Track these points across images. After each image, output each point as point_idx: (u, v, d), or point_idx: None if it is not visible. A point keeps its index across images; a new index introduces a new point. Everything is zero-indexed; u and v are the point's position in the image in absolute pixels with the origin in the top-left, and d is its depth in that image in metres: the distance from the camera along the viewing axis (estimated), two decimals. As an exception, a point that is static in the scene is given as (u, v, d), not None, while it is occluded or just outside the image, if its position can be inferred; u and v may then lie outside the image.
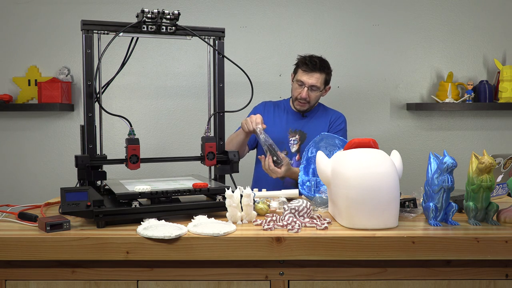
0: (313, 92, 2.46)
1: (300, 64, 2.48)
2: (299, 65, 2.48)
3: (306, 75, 2.44)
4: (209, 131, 1.93)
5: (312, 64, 2.43)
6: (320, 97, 2.53)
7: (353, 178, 1.50)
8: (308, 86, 2.43)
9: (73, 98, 3.13)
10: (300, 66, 2.47)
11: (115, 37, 1.75)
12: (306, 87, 2.43)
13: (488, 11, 3.14)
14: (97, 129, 1.80)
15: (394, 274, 1.49)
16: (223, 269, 1.49)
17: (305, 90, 2.43)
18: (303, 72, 2.44)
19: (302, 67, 2.45)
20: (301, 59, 2.49)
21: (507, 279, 1.49)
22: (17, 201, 2.13)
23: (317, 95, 2.49)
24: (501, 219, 1.59)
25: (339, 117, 2.57)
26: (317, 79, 2.43)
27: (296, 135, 2.52)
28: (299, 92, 2.46)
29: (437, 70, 3.17)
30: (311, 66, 2.43)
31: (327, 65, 2.48)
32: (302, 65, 2.45)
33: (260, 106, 2.65)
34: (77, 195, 1.52)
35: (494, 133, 3.18)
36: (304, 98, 2.45)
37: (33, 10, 3.10)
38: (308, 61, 2.44)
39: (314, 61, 2.44)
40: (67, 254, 1.43)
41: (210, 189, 1.70)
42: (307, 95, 2.44)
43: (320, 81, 2.44)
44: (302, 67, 2.45)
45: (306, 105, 2.49)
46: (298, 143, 2.50)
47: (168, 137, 3.18)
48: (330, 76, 2.51)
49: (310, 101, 2.48)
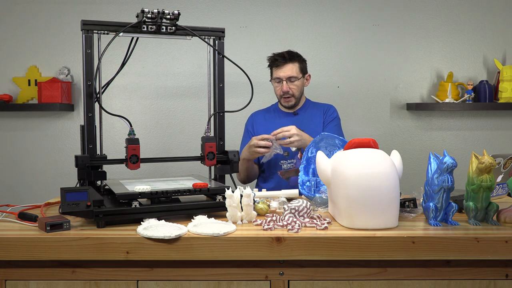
0: (292, 83, 2.50)
1: (271, 63, 2.55)
2: (271, 65, 2.55)
3: (279, 70, 2.50)
4: (209, 131, 1.93)
5: (281, 58, 2.50)
6: (303, 88, 2.57)
7: (353, 178, 1.50)
8: (285, 79, 2.48)
9: (73, 98, 3.13)
10: (272, 65, 2.55)
11: (115, 37, 1.75)
12: (284, 81, 2.48)
13: (488, 11, 3.14)
14: (97, 129, 1.81)
15: (394, 274, 1.49)
16: (223, 269, 1.49)
17: (284, 83, 2.48)
18: (276, 68, 2.51)
19: (273, 65, 2.53)
20: (270, 58, 2.56)
21: (507, 279, 1.49)
22: (17, 201, 2.13)
23: (298, 86, 2.51)
24: (501, 219, 1.59)
25: (329, 108, 2.61)
26: (291, 69, 2.48)
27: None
28: (280, 88, 2.51)
29: (437, 70, 3.17)
30: (280, 60, 2.49)
31: (296, 54, 2.53)
32: (273, 63, 2.53)
33: (249, 120, 2.67)
34: (77, 195, 1.52)
35: (494, 133, 3.18)
36: (286, 92, 2.49)
37: (33, 10, 3.10)
38: (277, 56, 2.51)
39: (281, 55, 2.51)
40: (67, 254, 1.43)
41: (210, 189, 1.70)
42: (287, 88, 2.48)
43: (294, 70, 2.49)
44: (273, 65, 2.53)
45: (291, 99, 2.52)
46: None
47: (168, 137, 3.18)
48: (304, 64, 2.56)
49: (294, 93, 2.51)
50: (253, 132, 2.61)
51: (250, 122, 2.65)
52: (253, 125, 2.62)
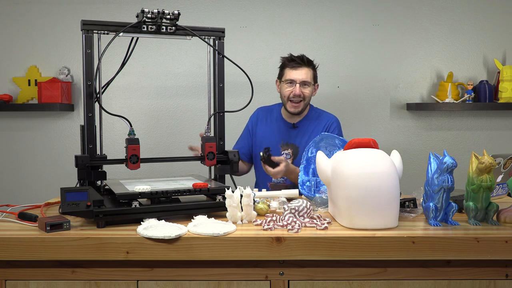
0: (306, 88, 2.41)
1: (286, 63, 2.45)
2: (286, 64, 2.45)
3: (294, 71, 2.41)
4: (209, 131, 1.93)
5: (299, 59, 2.41)
6: (311, 97, 2.48)
7: (353, 178, 1.50)
8: (299, 82, 2.39)
9: (73, 98, 3.13)
10: (286, 65, 2.45)
11: (115, 37, 1.75)
12: (298, 83, 2.39)
13: (488, 11, 3.14)
14: (97, 129, 1.81)
15: (394, 274, 1.49)
16: (223, 269, 1.49)
17: (297, 86, 2.39)
18: (291, 69, 2.41)
19: (289, 65, 2.43)
20: (286, 58, 2.47)
21: (507, 279, 1.49)
22: (17, 201, 2.13)
23: (310, 92, 2.44)
24: (501, 219, 1.59)
25: (332, 123, 2.50)
26: (306, 73, 2.41)
27: (288, 148, 2.48)
28: (291, 91, 2.41)
29: (437, 70, 3.17)
30: (298, 61, 2.41)
31: (312, 61, 2.47)
32: (289, 63, 2.43)
33: (253, 117, 2.63)
34: (77, 195, 1.52)
35: (494, 133, 3.18)
36: (298, 95, 2.39)
37: (33, 10, 3.10)
38: (295, 57, 2.43)
39: (300, 57, 2.43)
40: (67, 254, 1.43)
41: (210, 189, 1.70)
42: (300, 91, 2.39)
43: (309, 75, 2.42)
44: (289, 65, 2.43)
45: (300, 104, 2.42)
46: (291, 158, 2.47)
47: (168, 137, 3.18)
48: (316, 73, 2.49)
49: (305, 97, 2.42)
50: (252, 131, 2.59)
51: (253, 120, 2.62)
52: (254, 125, 2.59)
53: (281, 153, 2.48)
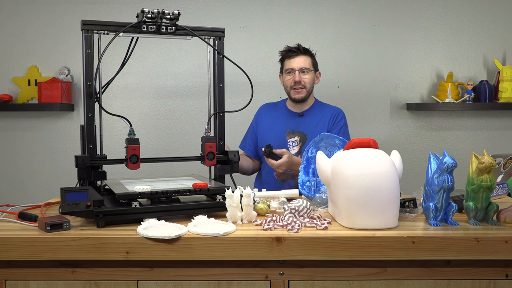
0: (305, 74, 2.50)
1: (284, 55, 2.56)
2: (284, 56, 2.56)
3: (291, 60, 2.51)
4: (209, 131, 1.93)
5: (295, 48, 2.52)
6: (313, 84, 2.56)
7: (353, 178, 1.50)
8: (298, 70, 2.48)
9: (73, 98, 3.13)
10: (284, 56, 2.56)
11: (115, 37, 1.75)
12: (297, 71, 2.48)
13: (488, 11, 3.14)
14: (97, 129, 1.80)
15: (394, 274, 1.49)
16: (223, 269, 1.48)
17: (296, 73, 2.48)
18: (289, 59, 2.52)
19: (286, 56, 2.54)
20: (283, 51, 2.57)
21: (507, 279, 1.49)
22: (17, 201, 2.13)
23: (310, 79, 2.52)
24: (501, 219, 1.59)
25: (338, 113, 2.58)
26: (304, 61, 2.50)
27: (295, 136, 2.52)
28: (291, 79, 2.50)
29: (437, 70, 3.17)
30: (294, 50, 2.52)
31: (308, 49, 2.56)
32: (286, 54, 2.54)
33: (257, 115, 2.68)
34: (77, 195, 1.52)
35: (494, 133, 3.18)
36: (298, 81, 2.48)
37: (33, 10, 3.10)
38: (291, 47, 2.54)
39: (295, 46, 2.54)
40: (67, 254, 1.43)
41: (210, 189, 1.70)
42: (299, 77, 2.48)
43: (307, 62, 2.51)
44: (286, 57, 2.54)
45: (303, 90, 2.50)
46: (298, 145, 2.50)
47: (168, 137, 3.18)
48: (316, 61, 2.58)
49: (306, 84, 2.50)
50: (256, 128, 2.61)
51: (257, 117, 2.66)
52: (258, 121, 2.63)
53: (287, 141, 2.51)
